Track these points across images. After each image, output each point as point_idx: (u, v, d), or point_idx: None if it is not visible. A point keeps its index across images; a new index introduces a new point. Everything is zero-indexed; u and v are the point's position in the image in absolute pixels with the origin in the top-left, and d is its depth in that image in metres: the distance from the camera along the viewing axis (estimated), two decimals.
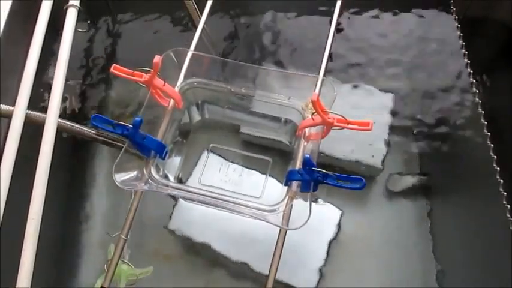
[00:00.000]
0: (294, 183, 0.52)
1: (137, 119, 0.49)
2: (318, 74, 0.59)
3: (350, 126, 0.50)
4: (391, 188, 0.76)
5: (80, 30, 0.68)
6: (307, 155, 0.46)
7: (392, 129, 0.75)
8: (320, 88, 0.56)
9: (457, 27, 0.82)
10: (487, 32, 0.80)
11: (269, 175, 0.67)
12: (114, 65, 0.53)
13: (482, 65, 0.77)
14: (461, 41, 0.79)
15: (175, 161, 0.65)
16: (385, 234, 0.72)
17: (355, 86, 0.79)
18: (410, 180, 0.76)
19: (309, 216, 0.47)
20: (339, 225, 0.68)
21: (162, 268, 0.68)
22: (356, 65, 0.85)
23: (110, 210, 0.75)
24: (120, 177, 0.50)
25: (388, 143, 0.73)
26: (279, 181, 0.66)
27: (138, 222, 0.69)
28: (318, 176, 0.47)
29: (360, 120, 0.50)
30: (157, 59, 0.50)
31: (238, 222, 0.65)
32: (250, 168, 0.68)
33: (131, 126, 0.49)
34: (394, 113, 0.76)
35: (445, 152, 0.77)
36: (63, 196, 0.76)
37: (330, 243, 0.66)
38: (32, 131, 0.57)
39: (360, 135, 0.71)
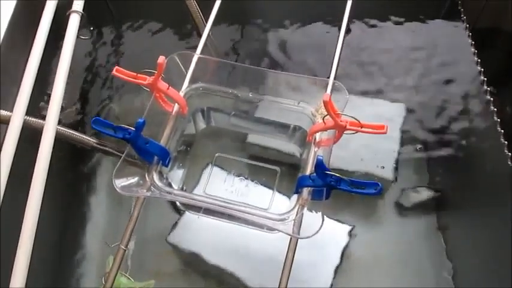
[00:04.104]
0: (305, 190, 0.50)
1: (140, 120, 0.46)
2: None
3: (364, 129, 0.48)
4: (402, 202, 0.73)
5: (82, 37, 0.67)
6: (320, 157, 0.43)
7: (403, 140, 0.73)
8: (331, 90, 0.54)
9: (469, 35, 0.81)
10: (499, 40, 0.80)
11: (276, 187, 0.64)
12: (117, 67, 0.51)
13: (496, 72, 0.76)
14: (473, 49, 0.78)
15: (179, 171, 0.63)
16: (396, 249, 0.70)
17: (365, 97, 0.78)
18: (421, 194, 0.74)
19: (322, 224, 0.44)
20: (348, 240, 0.65)
21: (163, 283, 0.65)
22: (365, 74, 0.83)
23: (110, 220, 0.73)
24: (120, 182, 0.47)
25: (398, 155, 0.71)
26: (286, 195, 0.63)
27: (139, 236, 0.68)
28: (331, 181, 0.45)
29: (374, 123, 0.47)
30: (161, 59, 0.48)
31: (244, 237, 0.64)
32: (257, 179, 0.65)
33: (133, 129, 0.47)
34: (405, 124, 0.74)
35: (459, 163, 0.75)
36: (61, 205, 0.74)
37: (341, 257, 0.64)
38: (31, 138, 0.56)
39: (370, 146, 0.71)
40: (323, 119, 0.51)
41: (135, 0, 0.92)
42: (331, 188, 0.45)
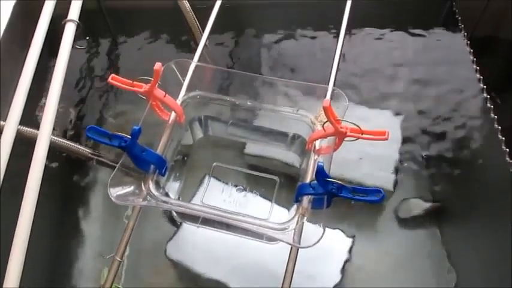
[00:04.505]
0: (305, 199, 0.48)
1: (135, 128, 0.45)
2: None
3: (365, 136, 0.47)
4: (401, 213, 0.73)
5: (78, 47, 0.67)
6: (321, 163, 0.42)
7: (403, 151, 0.73)
8: (331, 96, 0.53)
9: (467, 43, 0.81)
10: (498, 47, 0.80)
11: (275, 197, 0.63)
12: (113, 75, 0.50)
13: (495, 79, 0.76)
14: (472, 57, 0.78)
15: (175, 181, 0.61)
16: (396, 261, 0.69)
17: (363, 106, 0.78)
18: (422, 204, 0.73)
19: (323, 234, 0.43)
20: (349, 253, 0.64)
21: None
22: (364, 86, 0.83)
23: (105, 231, 0.72)
24: (115, 191, 0.46)
25: (398, 166, 0.71)
26: (285, 205, 0.62)
27: (135, 249, 0.67)
28: (333, 188, 0.43)
29: (375, 130, 0.46)
30: (157, 65, 0.47)
31: (241, 249, 0.63)
32: (256, 189, 0.64)
33: (129, 137, 0.46)
34: (404, 135, 0.74)
35: (459, 172, 0.74)
36: (55, 216, 0.73)
37: (342, 268, 0.63)
38: (26, 147, 0.55)
39: (369, 156, 0.70)
40: (323, 126, 0.50)
41: (132, 10, 0.92)
42: (333, 196, 0.44)
